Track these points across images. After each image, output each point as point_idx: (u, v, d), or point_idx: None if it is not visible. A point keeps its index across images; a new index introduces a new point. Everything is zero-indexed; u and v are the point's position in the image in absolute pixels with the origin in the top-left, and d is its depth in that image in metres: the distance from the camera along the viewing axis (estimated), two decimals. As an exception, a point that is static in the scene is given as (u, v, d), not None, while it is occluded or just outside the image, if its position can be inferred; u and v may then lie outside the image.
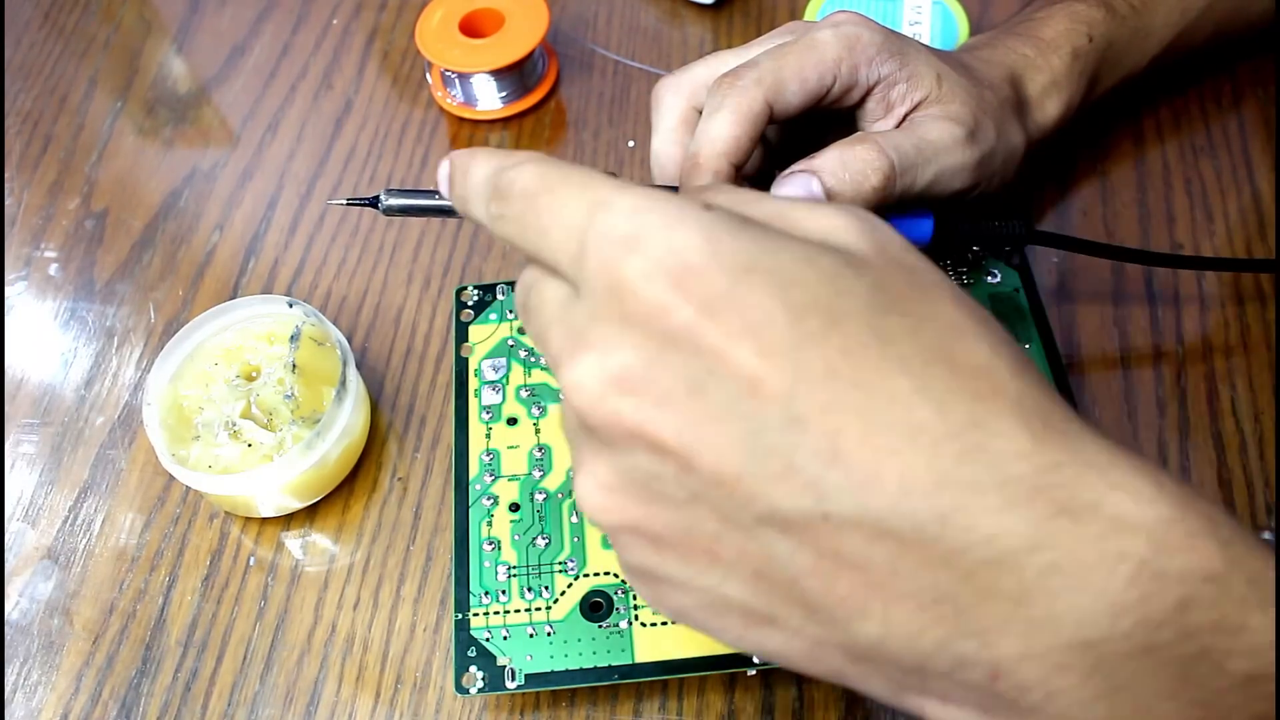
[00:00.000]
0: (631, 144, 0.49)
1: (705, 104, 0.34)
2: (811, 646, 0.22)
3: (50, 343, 0.46)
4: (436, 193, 0.35)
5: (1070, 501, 0.19)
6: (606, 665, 0.33)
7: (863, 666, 0.21)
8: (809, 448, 0.20)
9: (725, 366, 0.20)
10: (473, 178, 0.26)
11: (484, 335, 0.41)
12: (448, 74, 0.50)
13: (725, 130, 0.33)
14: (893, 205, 0.35)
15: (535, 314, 0.24)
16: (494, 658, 0.34)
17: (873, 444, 0.19)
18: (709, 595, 0.22)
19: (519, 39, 0.49)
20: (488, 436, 0.38)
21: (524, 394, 0.39)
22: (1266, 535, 0.23)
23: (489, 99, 0.50)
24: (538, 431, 0.38)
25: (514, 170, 0.24)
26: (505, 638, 0.34)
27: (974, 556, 0.19)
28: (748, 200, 0.23)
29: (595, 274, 0.21)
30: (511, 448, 0.38)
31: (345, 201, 0.35)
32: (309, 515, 0.40)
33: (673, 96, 0.37)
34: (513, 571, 0.35)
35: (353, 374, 0.39)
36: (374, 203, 0.34)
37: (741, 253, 0.21)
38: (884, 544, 0.20)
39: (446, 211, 0.35)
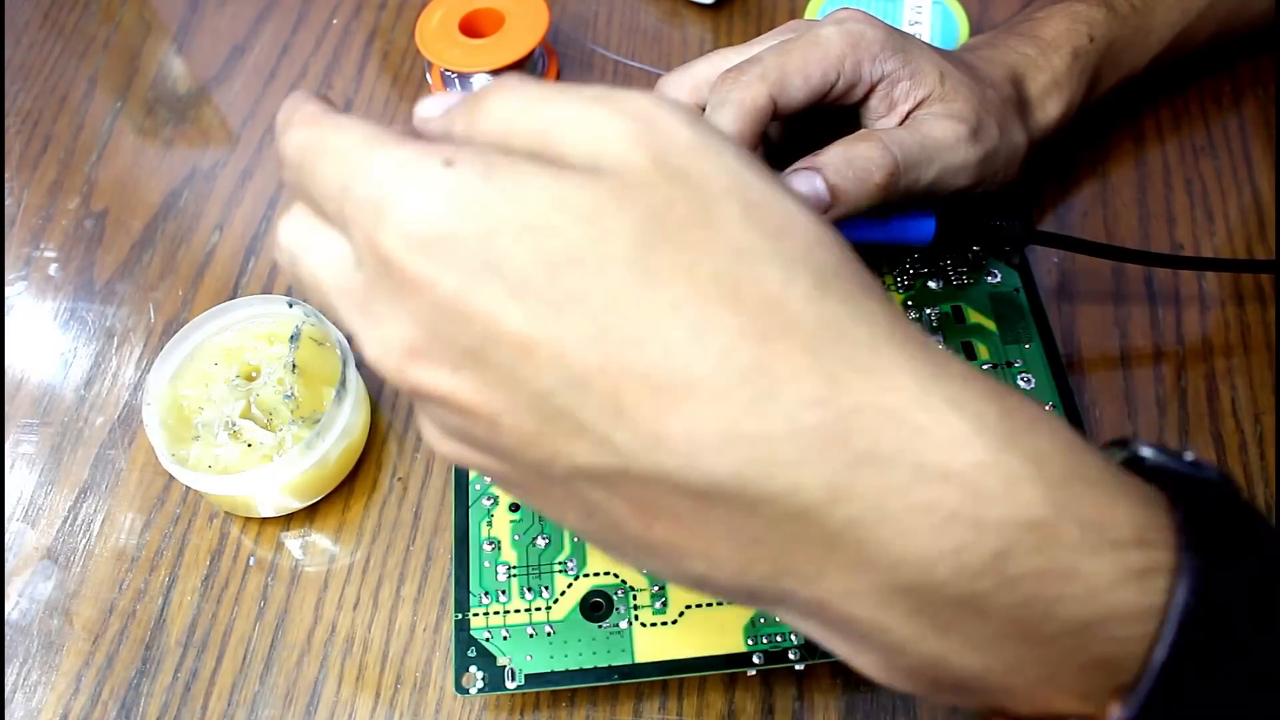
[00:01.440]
0: (631, 144, 0.49)
1: (709, 99, 0.34)
2: (654, 570, 0.22)
3: (50, 343, 0.46)
4: None
5: (871, 450, 0.18)
6: (606, 665, 0.33)
7: (707, 590, 0.21)
8: (594, 407, 0.19)
9: (498, 333, 0.19)
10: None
11: (484, 335, 0.41)
12: (448, 74, 0.50)
13: (728, 125, 0.33)
14: (895, 204, 0.35)
15: (316, 281, 0.23)
16: (494, 658, 0.34)
17: (655, 402, 0.18)
18: (558, 520, 0.22)
19: (519, 39, 0.49)
20: (488, 436, 0.38)
21: (524, 394, 0.39)
22: (1189, 455, 0.21)
23: (489, 99, 0.50)
24: (538, 431, 0.38)
25: (287, 133, 0.23)
26: (505, 638, 0.34)
27: (777, 508, 0.19)
28: (508, 128, 0.21)
29: (361, 246, 0.21)
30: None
31: None
32: (309, 515, 0.40)
33: (675, 93, 0.37)
34: (513, 571, 0.35)
35: (353, 374, 0.39)
36: None
37: (486, 210, 0.19)
38: (687, 498, 0.19)
39: None
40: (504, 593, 0.35)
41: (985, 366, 0.38)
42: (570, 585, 0.35)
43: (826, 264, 0.20)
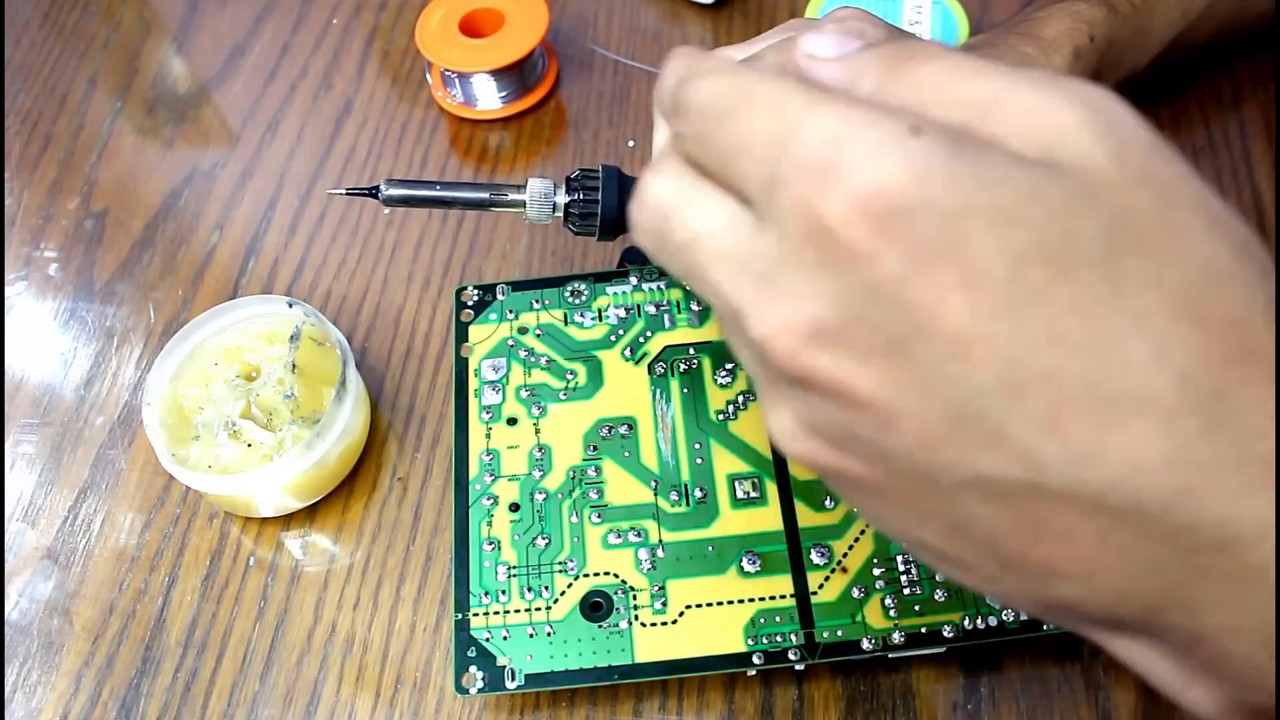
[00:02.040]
0: (632, 144, 0.49)
1: None
2: (1004, 591, 0.20)
3: (50, 343, 0.46)
4: (437, 184, 0.35)
5: None
6: (606, 665, 0.33)
7: (1054, 615, 0.20)
8: (1025, 416, 0.17)
9: (935, 324, 0.17)
10: (662, 86, 0.22)
11: (484, 335, 0.41)
12: (448, 74, 0.50)
13: None
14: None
15: (694, 244, 0.21)
16: (494, 658, 0.34)
17: (1099, 416, 0.17)
18: (903, 533, 0.21)
19: (519, 39, 0.49)
20: (488, 436, 0.38)
21: (524, 394, 0.39)
22: None
23: (489, 99, 0.50)
24: (538, 431, 0.38)
25: (695, 83, 0.21)
26: (505, 638, 0.34)
27: (1198, 537, 0.17)
28: (934, 95, 0.19)
29: (789, 211, 0.19)
30: (511, 448, 0.38)
31: (345, 191, 0.35)
32: (309, 515, 0.40)
33: None
34: (513, 571, 0.35)
35: (353, 374, 0.39)
36: (374, 193, 0.34)
37: (956, 189, 0.17)
38: (1097, 518, 0.18)
39: (445, 203, 0.35)
40: (504, 593, 0.35)
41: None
42: (570, 585, 0.35)
43: (1273, 294, 0.18)
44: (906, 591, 0.34)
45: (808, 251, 0.18)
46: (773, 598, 0.34)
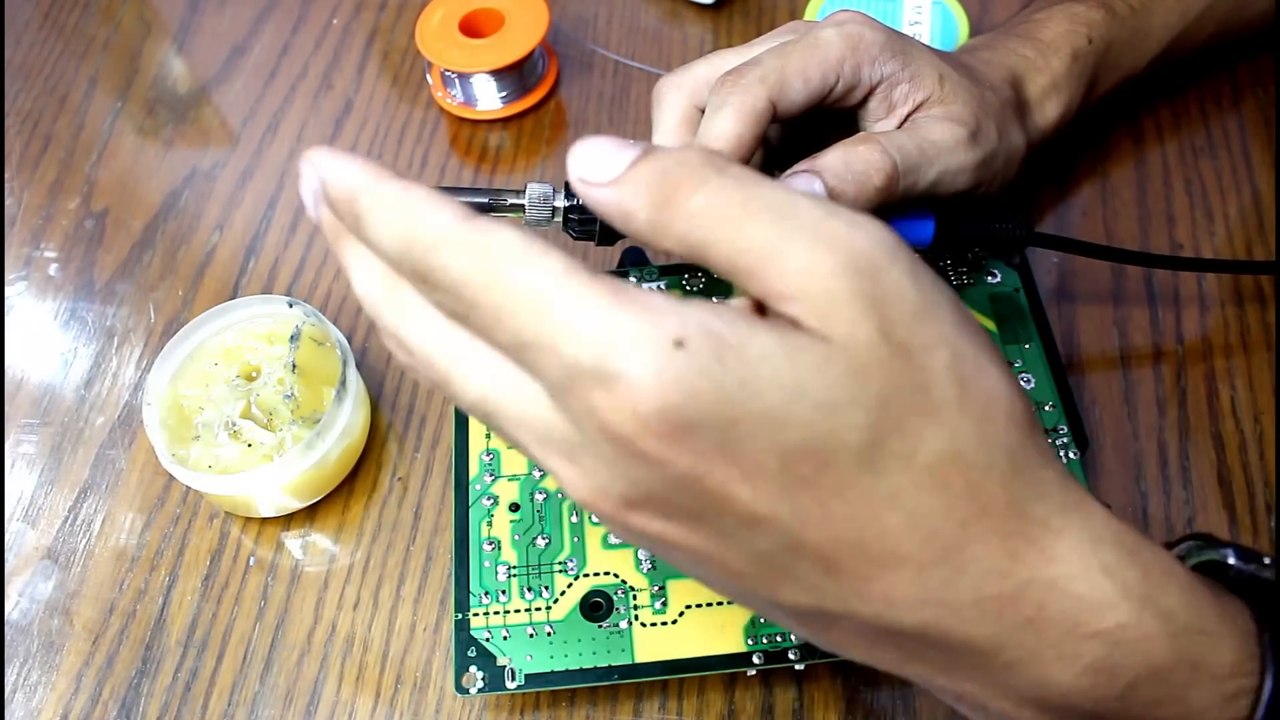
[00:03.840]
0: (631, 144, 0.49)
1: (708, 102, 0.34)
2: (806, 631, 0.24)
3: (50, 343, 0.46)
4: (436, 189, 0.35)
5: (1037, 615, 0.21)
6: (606, 665, 0.33)
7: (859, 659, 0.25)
8: (807, 565, 0.21)
9: (726, 506, 0.21)
10: (373, 225, 0.22)
11: (484, 335, 0.41)
12: (448, 74, 0.50)
13: (728, 128, 0.33)
14: (894, 206, 0.35)
15: (488, 406, 0.22)
16: (494, 658, 0.34)
17: (863, 568, 0.21)
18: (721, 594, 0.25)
19: (519, 39, 0.49)
20: (488, 436, 0.38)
21: (524, 394, 0.39)
22: (1267, 560, 0.25)
23: (489, 99, 0.50)
24: (538, 431, 0.38)
25: (438, 256, 0.21)
26: (505, 638, 0.34)
27: (948, 647, 0.22)
28: (708, 238, 0.21)
29: (580, 413, 0.20)
30: (511, 447, 0.38)
31: None
32: (309, 515, 0.40)
33: (674, 94, 0.37)
34: (513, 571, 0.35)
35: (353, 374, 0.39)
36: None
37: (725, 403, 0.20)
38: (869, 631, 0.22)
39: None
40: (504, 593, 0.35)
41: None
42: (570, 585, 0.35)
43: (1017, 442, 0.22)
44: (906, 592, 0.34)
45: (605, 447, 0.20)
46: (772, 598, 0.34)
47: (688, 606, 0.34)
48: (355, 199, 0.22)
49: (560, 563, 0.35)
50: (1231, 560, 0.25)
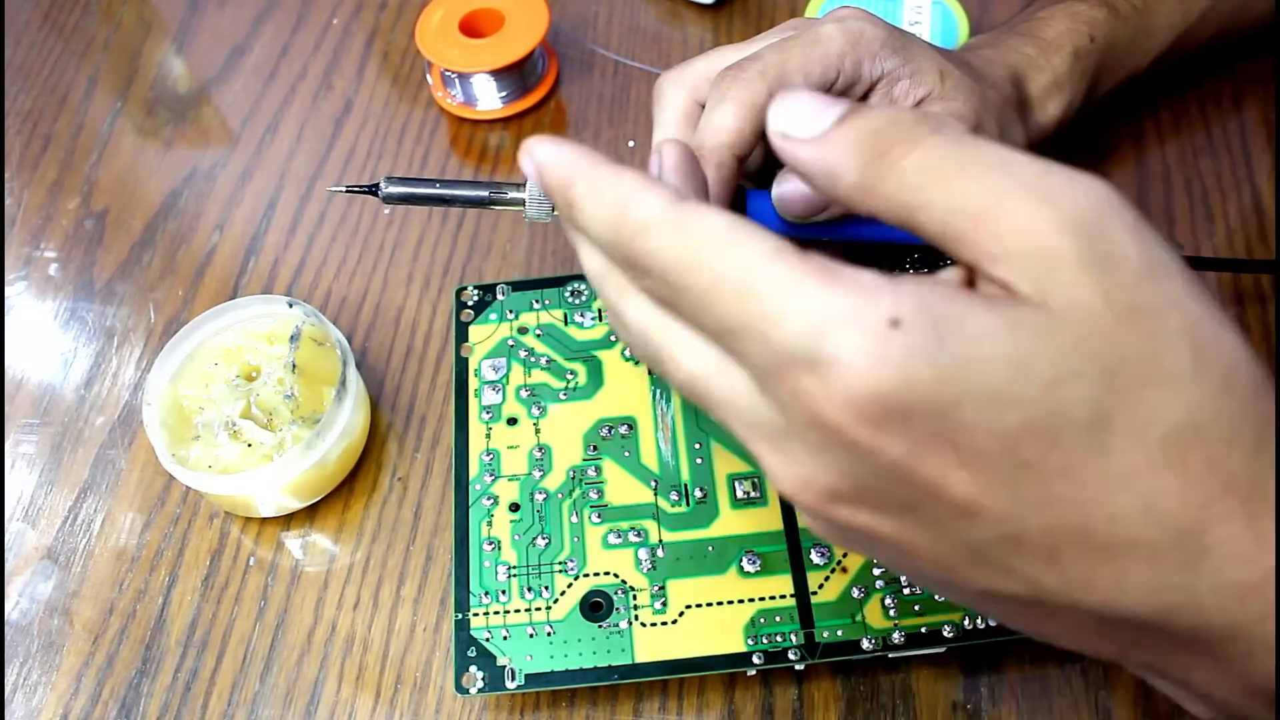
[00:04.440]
0: (632, 144, 0.49)
1: (709, 96, 0.34)
2: (1003, 616, 0.23)
3: (50, 343, 0.46)
4: (436, 181, 0.35)
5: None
6: (606, 665, 0.33)
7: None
8: (1026, 557, 0.20)
9: (940, 495, 0.19)
10: (584, 212, 0.22)
11: (484, 335, 0.41)
12: (448, 74, 0.50)
13: (729, 121, 0.33)
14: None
15: (699, 386, 0.22)
16: (494, 658, 0.34)
17: (1089, 557, 0.19)
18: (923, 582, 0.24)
19: (519, 39, 0.49)
20: (488, 436, 0.38)
21: (524, 394, 0.39)
22: None
23: (489, 99, 0.50)
24: (538, 431, 0.38)
25: (646, 241, 0.21)
26: (505, 638, 0.34)
27: (1178, 634, 0.20)
28: (921, 198, 0.20)
29: (789, 400, 0.20)
30: (511, 448, 0.38)
31: (345, 188, 0.35)
32: (309, 515, 0.40)
33: (675, 91, 0.37)
34: (513, 571, 0.35)
35: (353, 374, 0.39)
36: (374, 190, 0.34)
37: (944, 385, 0.18)
38: (1091, 622, 0.21)
39: (445, 200, 0.35)
40: (504, 593, 0.35)
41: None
42: (570, 585, 0.35)
43: (1261, 416, 0.20)
44: (906, 591, 0.34)
45: (812, 435, 0.20)
46: (773, 598, 0.34)
47: (688, 606, 0.34)
48: (568, 187, 0.22)
49: (560, 563, 0.35)
50: None
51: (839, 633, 0.33)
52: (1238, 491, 0.19)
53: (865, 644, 0.33)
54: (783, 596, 0.34)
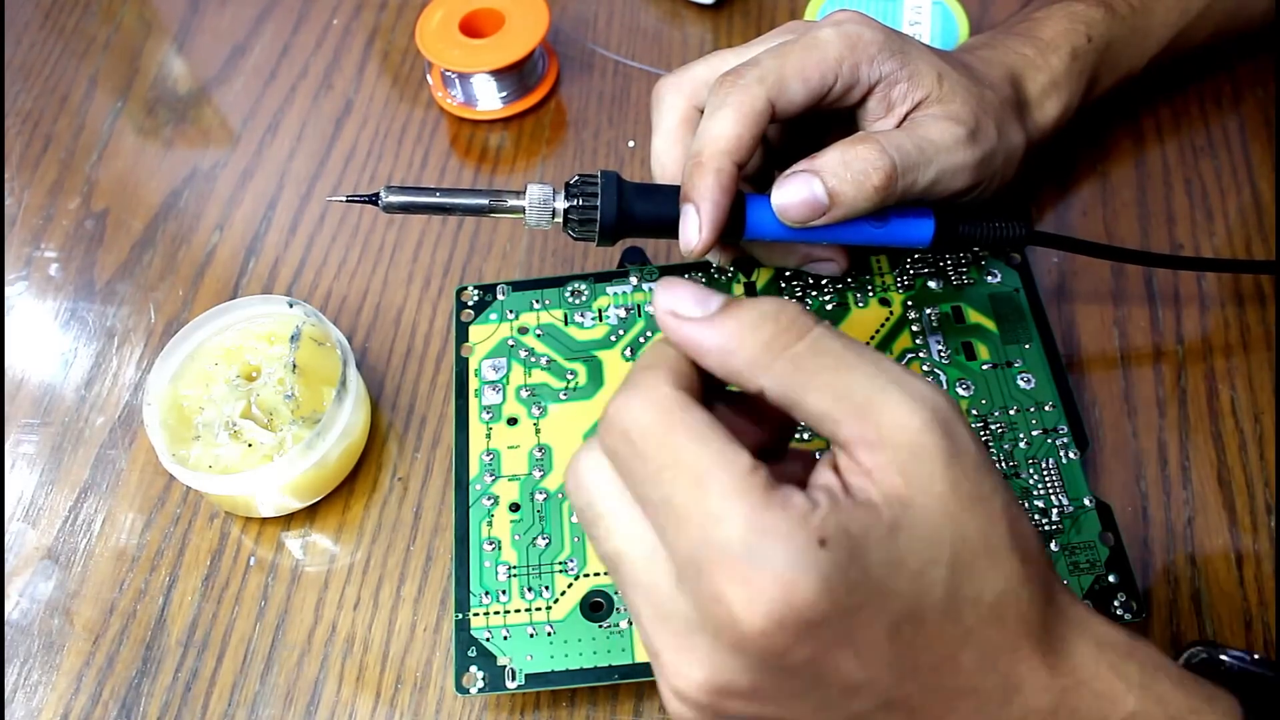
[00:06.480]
0: (632, 144, 0.49)
1: (707, 102, 0.34)
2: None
3: (50, 343, 0.46)
4: (436, 190, 0.35)
5: (1073, 713, 0.24)
6: (606, 665, 0.33)
7: None
8: (897, 713, 0.23)
9: (833, 681, 0.22)
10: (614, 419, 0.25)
11: (484, 335, 0.41)
12: (448, 74, 0.50)
13: (728, 128, 0.33)
14: (893, 205, 0.35)
15: (619, 562, 0.24)
16: (494, 658, 0.34)
17: (940, 707, 0.23)
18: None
19: (519, 39, 0.49)
20: (488, 436, 0.38)
21: (524, 394, 0.39)
22: (1257, 656, 0.29)
23: (489, 99, 0.50)
24: (538, 431, 0.38)
25: (628, 406, 0.23)
26: (505, 638, 0.34)
27: None
28: (840, 403, 0.23)
29: (708, 598, 0.21)
30: (512, 448, 0.38)
31: (345, 198, 0.35)
32: (309, 515, 0.40)
33: (674, 95, 0.37)
34: (513, 571, 0.35)
35: (353, 374, 0.39)
36: (374, 200, 0.34)
37: (853, 594, 0.21)
38: None
39: (445, 209, 0.35)
40: (504, 593, 0.35)
41: (985, 366, 0.38)
42: (570, 585, 0.35)
43: (1047, 574, 0.24)
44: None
45: (725, 634, 0.21)
46: (772, 598, 0.34)
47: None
48: None
49: (560, 563, 0.35)
50: (1224, 657, 0.28)
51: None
52: (1034, 636, 0.24)
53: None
54: (782, 596, 0.34)
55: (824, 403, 0.23)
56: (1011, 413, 0.37)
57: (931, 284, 0.40)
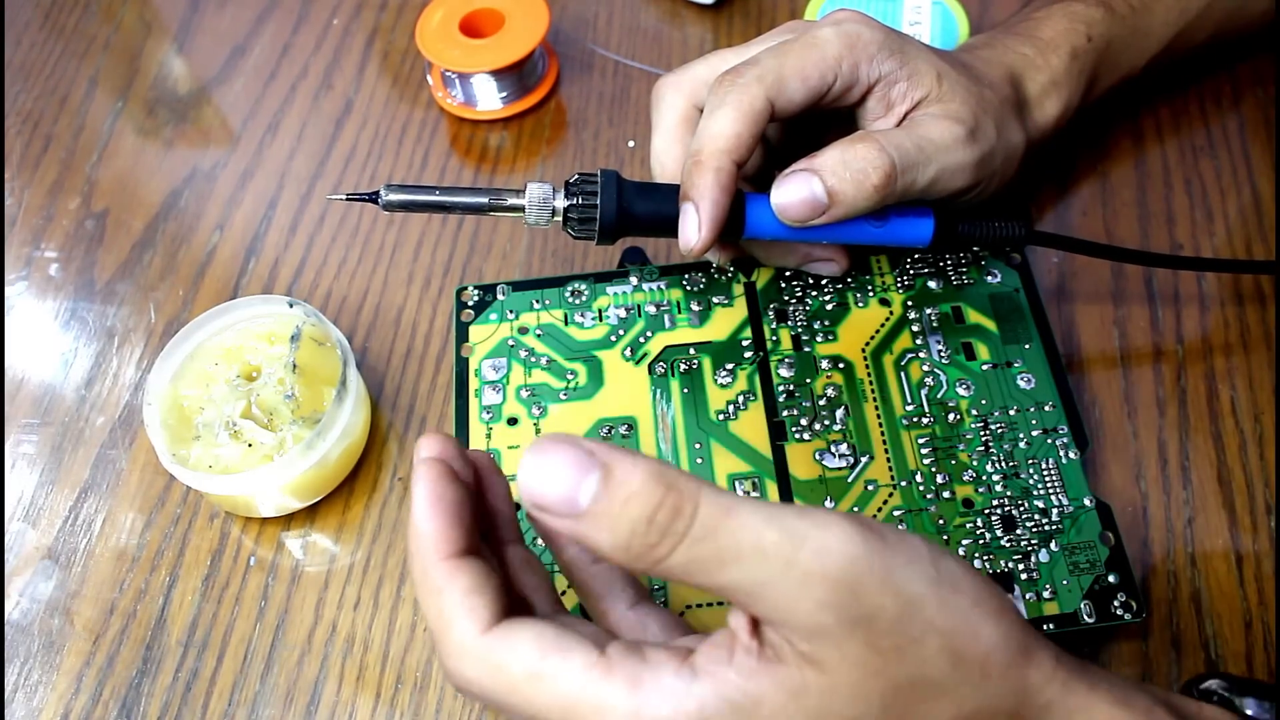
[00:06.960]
0: (631, 144, 0.49)
1: (706, 101, 0.34)
2: None
3: (50, 343, 0.46)
4: (436, 189, 0.35)
5: None
6: (606, 665, 0.33)
7: None
8: None
9: None
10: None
11: (484, 335, 0.41)
12: (448, 74, 0.50)
13: (727, 127, 0.33)
14: (893, 204, 0.35)
15: None
16: (494, 657, 0.34)
17: None
18: None
19: (519, 39, 0.49)
20: (488, 436, 0.38)
21: (524, 394, 0.39)
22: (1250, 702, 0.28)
23: (489, 99, 0.50)
24: (538, 431, 0.38)
25: (459, 677, 0.24)
26: (505, 637, 0.34)
27: None
28: (732, 589, 0.22)
29: None
30: (512, 448, 0.38)
31: (345, 197, 0.35)
32: (309, 515, 0.40)
33: (673, 95, 0.37)
34: (513, 571, 0.35)
35: (353, 374, 0.39)
36: (374, 198, 0.34)
37: None
38: None
39: (445, 208, 0.35)
40: (504, 593, 0.35)
41: (985, 366, 0.38)
42: (570, 586, 0.35)
43: (1017, 679, 0.23)
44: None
45: None
46: (772, 597, 0.34)
47: (689, 606, 0.34)
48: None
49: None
50: (1249, 711, 0.27)
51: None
52: None
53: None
54: (782, 596, 0.34)
55: (716, 589, 0.22)
56: (1011, 413, 0.37)
57: (931, 284, 0.40)
